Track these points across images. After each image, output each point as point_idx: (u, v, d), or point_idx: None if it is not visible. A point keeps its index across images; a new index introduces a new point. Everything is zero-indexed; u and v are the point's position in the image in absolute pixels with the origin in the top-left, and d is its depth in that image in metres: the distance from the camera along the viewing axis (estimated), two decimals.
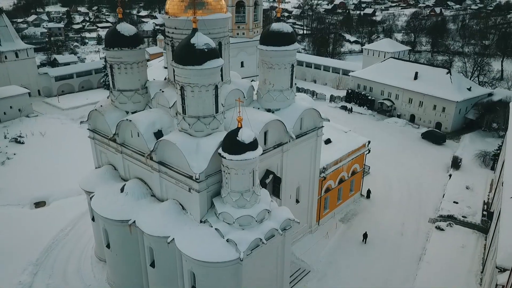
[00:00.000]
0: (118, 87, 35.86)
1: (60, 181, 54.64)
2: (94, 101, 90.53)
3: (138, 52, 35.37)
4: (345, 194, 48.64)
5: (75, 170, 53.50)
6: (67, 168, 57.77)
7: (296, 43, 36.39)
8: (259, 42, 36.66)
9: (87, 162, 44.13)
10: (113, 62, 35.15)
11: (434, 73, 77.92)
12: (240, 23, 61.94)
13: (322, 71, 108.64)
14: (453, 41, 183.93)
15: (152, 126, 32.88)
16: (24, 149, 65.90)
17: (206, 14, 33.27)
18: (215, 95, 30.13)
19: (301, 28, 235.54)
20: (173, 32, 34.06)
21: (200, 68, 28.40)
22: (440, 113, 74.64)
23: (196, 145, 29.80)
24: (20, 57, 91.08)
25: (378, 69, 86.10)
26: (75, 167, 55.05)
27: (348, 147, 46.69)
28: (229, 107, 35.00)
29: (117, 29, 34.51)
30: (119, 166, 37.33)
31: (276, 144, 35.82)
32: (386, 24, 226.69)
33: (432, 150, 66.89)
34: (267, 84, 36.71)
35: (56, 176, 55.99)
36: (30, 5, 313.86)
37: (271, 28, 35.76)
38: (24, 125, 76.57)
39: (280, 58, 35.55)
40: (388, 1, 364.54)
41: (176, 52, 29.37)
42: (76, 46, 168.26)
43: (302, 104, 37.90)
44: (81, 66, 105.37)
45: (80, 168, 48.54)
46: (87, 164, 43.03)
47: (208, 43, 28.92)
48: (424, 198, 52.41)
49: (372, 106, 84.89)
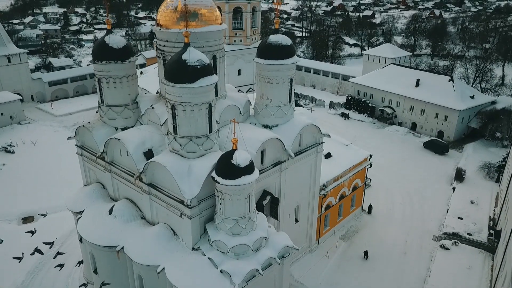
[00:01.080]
0: (107, 102, 33.89)
1: (49, 195, 52.66)
2: (88, 107, 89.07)
3: (128, 66, 33.41)
4: (346, 210, 46.75)
5: (65, 182, 51.75)
6: (57, 180, 55.81)
7: (295, 56, 34.49)
8: (256, 55, 34.74)
9: (77, 175, 41.93)
10: (101, 76, 33.17)
11: (436, 80, 76.10)
12: (237, 30, 60.01)
13: (321, 76, 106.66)
14: (454, 44, 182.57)
15: (142, 145, 30.92)
16: (14, 159, 63.85)
17: (200, 26, 31.34)
18: (208, 114, 28.21)
19: (300, 30, 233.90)
20: (164, 45, 32.12)
21: (193, 86, 26.50)
22: (442, 122, 72.82)
23: (188, 168, 27.86)
24: (13, 61, 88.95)
25: (379, 76, 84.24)
26: (65, 180, 53.11)
27: (349, 162, 44.78)
28: (224, 123, 33.10)
29: (106, 41, 32.54)
30: (108, 185, 35.37)
31: (274, 162, 33.91)
32: (385, 27, 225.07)
33: (434, 161, 65.05)
34: (265, 99, 34.80)
35: (46, 190, 54.03)
36: (27, 5, 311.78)
37: (268, 40, 33.85)
38: (15, 132, 74.52)
39: (278, 72, 33.64)
40: (387, 3, 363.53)
41: (167, 69, 27.43)
42: (72, 48, 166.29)
43: (302, 120, 35.99)
44: (76, 71, 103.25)
45: (70, 180, 46.69)
46: (78, 177, 40.89)
47: (201, 59, 26.99)
48: (428, 213, 50.54)
49: (373, 114, 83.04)
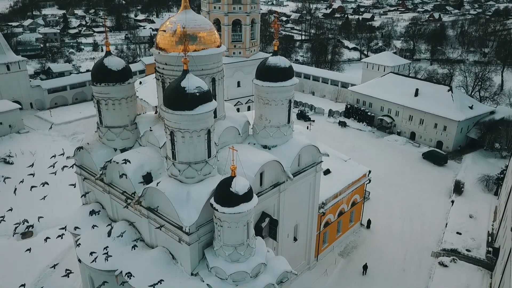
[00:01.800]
0: (106, 124, 33.90)
1: (48, 209, 52.25)
2: (88, 115, 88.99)
3: (127, 87, 33.42)
4: (345, 225, 46.80)
5: (64, 196, 51.54)
6: (55, 193, 55.40)
7: (294, 77, 34.52)
8: (255, 76, 34.81)
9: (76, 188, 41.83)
10: (100, 98, 33.19)
11: (435, 90, 76.21)
12: (236, 42, 59.99)
13: (320, 83, 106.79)
14: (453, 49, 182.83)
15: (141, 169, 30.93)
16: (13, 170, 63.44)
17: (199, 49, 31.36)
18: (207, 139, 28.24)
19: (299, 34, 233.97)
20: (163, 68, 32.14)
21: (192, 113, 26.54)
22: (441, 132, 72.90)
23: (187, 194, 27.88)
24: (12, 69, 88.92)
25: (378, 84, 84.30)
26: (64, 193, 52.88)
27: (348, 178, 44.80)
28: (223, 145, 33.17)
29: (105, 64, 32.54)
30: (106, 206, 35.39)
31: (273, 184, 33.93)
32: (385, 30, 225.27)
33: (433, 172, 65.11)
34: (263, 120, 34.84)
35: (45, 203, 53.64)
36: (26, 7, 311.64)
37: (267, 62, 33.90)
38: (14, 142, 74.35)
39: (277, 94, 33.69)
40: (387, 5, 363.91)
41: (166, 95, 27.45)
42: (72, 52, 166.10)
43: (300, 140, 36.02)
44: (75, 78, 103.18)
45: (69, 194, 46.46)
46: (76, 191, 40.70)
47: (200, 86, 27.03)
48: (426, 228, 50.58)
49: (372, 123, 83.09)
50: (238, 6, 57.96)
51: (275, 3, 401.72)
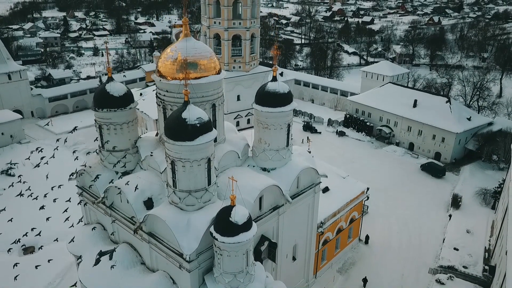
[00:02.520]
0: (108, 148, 34.41)
1: (49, 223, 52.85)
2: (88, 124, 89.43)
3: (128, 112, 33.93)
4: (343, 242, 47.35)
5: (64, 209, 52.16)
6: (57, 207, 56.00)
7: (293, 102, 35.03)
8: (254, 100, 35.32)
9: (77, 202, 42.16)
10: (102, 123, 33.71)
11: (433, 101, 76.77)
12: (236, 56, 60.50)
13: (320, 91, 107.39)
14: (452, 53, 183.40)
15: (142, 195, 31.44)
16: (15, 181, 64.09)
17: (199, 76, 31.87)
18: (207, 167, 28.77)
19: (299, 37, 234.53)
20: (164, 94, 32.66)
21: (192, 144, 27.05)
22: (439, 143, 73.48)
23: (187, 221, 28.40)
24: (13, 79, 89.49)
25: (377, 95, 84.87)
26: (66, 206, 53.53)
27: (347, 196, 45.39)
28: (223, 169, 33.74)
29: (106, 90, 33.03)
30: (108, 227, 35.91)
31: (272, 207, 34.44)
32: (384, 34, 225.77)
33: (431, 184, 65.67)
34: (263, 143, 35.35)
35: (45, 218, 54.24)
36: (26, 10, 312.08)
37: (266, 88, 34.42)
38: (15, 153, 74.90)
39: (276, 119, 34.21)
40: (386, 8, 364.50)
41: (167, 126, 27.96)
42: (72, 57, 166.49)
43: (299, 163, 36.53)
44: (76, 86, 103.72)
45: (70, 208, 46.96)
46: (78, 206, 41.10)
47: (201, 116, 27.56)
48: (424, 243, 51.15)
49: (371, 133, 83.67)
50: (238, 22, 58.48)
51: (275, 5, 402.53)
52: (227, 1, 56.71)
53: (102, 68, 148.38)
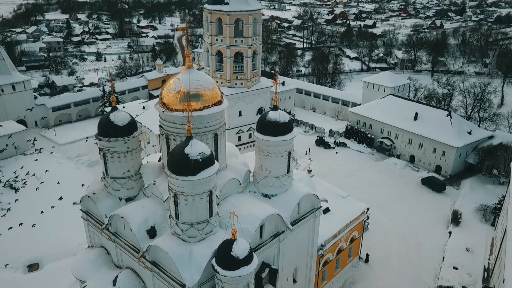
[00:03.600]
0: (111, 175, 35.04)
1: (54, 239, 53.88)
2: (91, 134, 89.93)
3: (132, 141, 34.53)
4: (343, 261, 47.89)
5: (69, 225, 52.99)
6: (61, 222, 56.88)
7: (294, 130, 35.57)
8: (256, 128, 35.86)
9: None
10: (106, 151, 34.34)
11: (434, 115, 77.20)
12: (238, 73, 61.02)
13: (321, 100, 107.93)
14: (454, 58, 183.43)
15: (145, 224, 32.07)
16: (19, 197, 64.84)
17: (202, 107, 32.44)
18: (209, 200, 29.37)
19: (301, 41, 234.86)
20: (167, 125, 33.25)
21: (194, 179, 27.64)
22: (440, 157, 73.90)
23: (189, 253, 29.00)
24: (17, 89, 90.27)
25: (378, 106, 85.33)
26: (69, 222, 54.24)
27: (347, 217, 45.93)
28: (224, 196, 34.33)
29: (110, 119, 33.67)
30: (112, 252, 36.51)
31: (273, 235, 34.98)
32: (386, 38, 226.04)
33: (432, 199, 66.12)
34: (264, 170, 35.90)
35: (50, 233, 55.18)
36: (30, 12, 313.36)
37: (267, 117, 34.95)
38: (19, 164, 75.25)
39: (276, 147, 34.74)
40: (388, 10, 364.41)
41: (169, 160, 28.59)
42: (75, 63, 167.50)
43: (300, 189, 37.06)
44: (79, 95, 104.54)
45: (74, 223, 47.50)
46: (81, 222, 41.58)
47: (203, 151, 28.15)
48: (424, 261, 51.63)
49: (372, 144, 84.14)
50: (240, 39, 59.01)
51: (277, 7, 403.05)
52: (229, 20, 57.25)
53: (105, 74, 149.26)
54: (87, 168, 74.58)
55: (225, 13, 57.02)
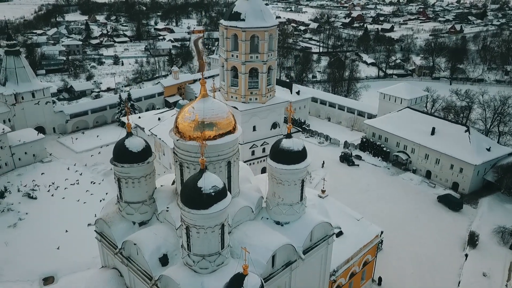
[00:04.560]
0: (125, 199, 35.38)
1: (68, 252, 54.66)
2: (107, 142, 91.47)
3: (146, 166, 34.78)
4: (356, 285, 47.31)
5: (84, 237, 53.91)
6: (77, 234, 57.76)
7: (308, 159, 35.28)
8: (269, 156, 35.69)
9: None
10: (121, 176, 34.68)
11: (452, 130, 75.72)
12: (253, 88, 60.94)
13: (336, 109, 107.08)
14: (474, 65, 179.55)
15: (157, 251, 32.30)
16: (36, 206, 66.23)
17: (216, 135, 32.50)
18: (221, 233, 29.38)
19: (317, 45, 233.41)
20: (181, 153, 33.37)
21: (207, 212, 27.68)
22: (457, 173, 72.44)
23: (201, 285, 29.07)
24: (37, 96, 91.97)
25: (394, 119, 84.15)
26: (84, 235, 55.16)
27: (360, 241, 45.38)
28: (237, 224, 34.35)
29: (126, 145, 33.96)
30: (124, 275, 36.85)
31: (284, 264, 34.80)
32: (404, 43, 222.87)
33: (448, 219, 64.82)
34: (276, 197, 35.75)
35: (66, 245, 56.06)
36: (50, 14, 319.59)
37: (280, 145, 34.74)
38: (37, 172, 77.19)
39: (290, 176, 34.54)
40: (406, 13, 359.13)
41: (182, 193, 28.66)
42: (93, 66, 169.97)
43: (313, 217, 36.78)
44: (96, 103, 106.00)
45: (89, 237, 47.88)
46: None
47: (216, 184, 28.15)
48: (439, 286, 50.64)
49: (387, 158, 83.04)
50: (255, 55, 58.88)
51: (294, 10, 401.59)
52: (245, 36, 57.20)
53: (122, 79, 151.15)
54: (103, 178, 75.46)
55: (241, 30, 57.00)
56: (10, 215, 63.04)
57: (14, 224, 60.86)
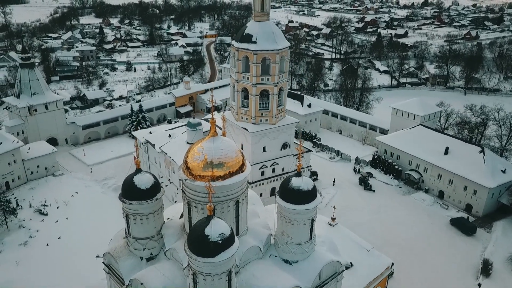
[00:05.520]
0: (133, 235, 35.34)
1: (77, 273, 54.93)
2: (119, 154, 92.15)
3: (155, 203, 34.68)
4: None
5: (93, 257, 54.52)
6: (85, 255, 57.99)
7: (318, 198, 34.74)
8: (278, 194, 35.23)
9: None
10: (129, 213, 34.64)
11: (466, 150, 74.20)
12: (263, 110, 60.59)
13: (348, 122, 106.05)
14: (489, 73, 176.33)
15: None
16: (47, 222, 66.78)
17: (225, 174, 32.21)
18: (228, 279, 29.04)
19: (330, 51, 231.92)
20: (190, 192, 33.16)
21: (214, 261, 27.34)
22: (471, 195, 70.98)
23: None
24: (50, 108, 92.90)
25: (407, 137, 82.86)
26: (94, 254, 55.68)
27: (371, 274, 44.67)
28: (244, 263, 34.02)
29: (134, 182, 33.91)
30: None
31: None
32: (418, 50, 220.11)
33: (461, 244, 63.51)
34: (285, 236, 35.29)
35: (77, 264, 56.34)
36: (65, 17, 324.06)
37: (290, 184, 34.24)
38: (49, 187, 77.95)
39: (299, 215, 34.05)
40: (421, 18, 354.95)
41: (189, 240, 28.36)
42: (106, 73, 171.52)
43: (322, 256, 36.23)
44: (108, 114, 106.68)
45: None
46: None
47: (223, 232, 27.80)
48: None
49: (399, 176, 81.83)
50: (266, 77, 58.47)
51: (307, 13, 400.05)
52: (256, 59, 56.86)
53: (134, 87, 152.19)
54: (113, 193, 75.76)
55: (252, 52, 56.69)
56: (21, 232, 63.68)
57: (25, 242, 61.41)
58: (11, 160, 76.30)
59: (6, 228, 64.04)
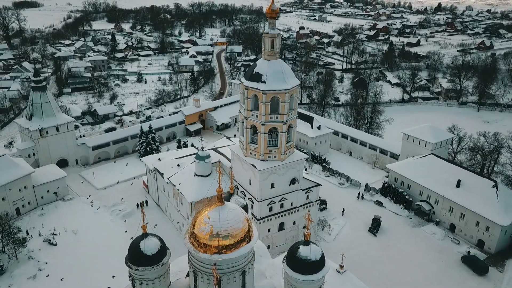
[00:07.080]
0: None
1: None
2: (129, 177, 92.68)
3: (161, 268, 34.43)
4: None
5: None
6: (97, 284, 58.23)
7: (326, 266, 34.15)
8: (285, 262, 34.74)
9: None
10: (135, 278, 34.49)
11: (478, 184, 72.75)
12: (272, 147, 60.08)
13: (358, 145, 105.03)
14: (504, 86, 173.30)
15: None
16: (57, 253, 67.18)
17: (230, 244, 31.81)
18: None
19: (341, 60, 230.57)
20: (196, 262, 32.84)
21: None
22: (483, 231, 69.61)
23: None
24: (61, 130, 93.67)
25: (418, 166, 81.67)
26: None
27: None
28: None
29: (140, 248, 33.67)
30: None
31: None
32: (430, 60, 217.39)
33: (472, 284, 62.28)
34: None
35: None
36: (78, 23, 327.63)
37: (297, 253, 33.65)
38: (59, 212, 78.57)
39: (306, 285, 33.56)
40: (434, 25, 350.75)
41: None
42: (117, 84, 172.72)
43: None
44: (118, 134, 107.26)
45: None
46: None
47: None
48: None
49: (409, 206, 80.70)
50: (275, 116, 57.95)
51: (318, 19, 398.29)
52: (265, 98, 56.37)
53: (144, 100, 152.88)
54: (122, 221, 76.17)
55: (261, 92, 56.19)
56: (30, 264, 64.14)
57: (33, 276, 61.81)
58: (22, 186, 77.10)
59: (15, 259, 64.57)
